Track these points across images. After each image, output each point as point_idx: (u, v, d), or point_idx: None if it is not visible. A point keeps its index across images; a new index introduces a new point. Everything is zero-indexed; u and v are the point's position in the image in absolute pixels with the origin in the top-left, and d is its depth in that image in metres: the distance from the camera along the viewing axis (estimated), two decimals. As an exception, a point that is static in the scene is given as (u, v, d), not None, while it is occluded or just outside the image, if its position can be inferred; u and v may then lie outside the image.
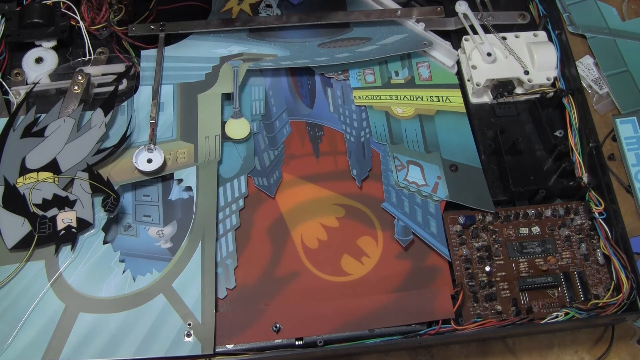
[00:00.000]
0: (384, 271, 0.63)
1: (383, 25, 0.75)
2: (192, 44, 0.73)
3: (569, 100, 0.71)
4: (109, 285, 0.59)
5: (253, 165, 0.66)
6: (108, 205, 0.61)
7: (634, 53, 0.81)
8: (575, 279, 0.63)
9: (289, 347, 0.59)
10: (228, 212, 0.64)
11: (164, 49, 0.71)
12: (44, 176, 0.62)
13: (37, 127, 0.64)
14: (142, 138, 0.66)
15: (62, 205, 0.61)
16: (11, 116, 0.65)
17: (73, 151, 0.63)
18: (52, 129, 0.64)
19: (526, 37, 0.75)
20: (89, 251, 0.60)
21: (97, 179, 0.62)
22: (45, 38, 0.72)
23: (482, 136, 0.70)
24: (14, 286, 0.59)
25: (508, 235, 0.65)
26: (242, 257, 0.62)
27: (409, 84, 0.73)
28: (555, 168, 0.68)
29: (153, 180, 0.65)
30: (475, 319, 0.60)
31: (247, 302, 0.60)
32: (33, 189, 0.61)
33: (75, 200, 0.61)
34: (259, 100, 0.71)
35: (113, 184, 0.62)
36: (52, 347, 0.56)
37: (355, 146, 0.69)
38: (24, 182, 0.61)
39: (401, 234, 0.64)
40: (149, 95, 0.68)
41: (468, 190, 0.66)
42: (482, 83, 0.71)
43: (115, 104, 0.67)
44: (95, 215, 0.61)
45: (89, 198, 0.62)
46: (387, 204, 0.65)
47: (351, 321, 0.59)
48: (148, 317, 0.58)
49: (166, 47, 0.72)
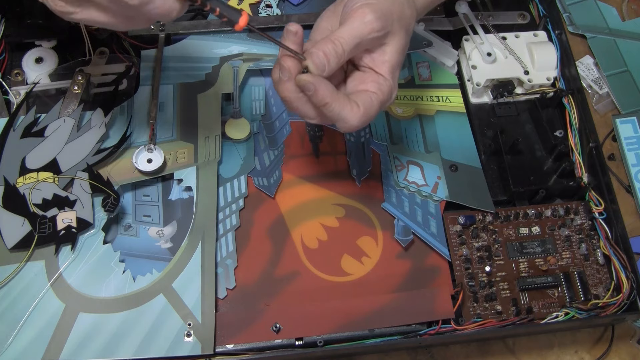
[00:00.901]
0: (384, 271, 0.63)
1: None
2: (192, 44, 0.73)
3: (569, 100, 0.71)
4: (109, 285, 0.59)
5: (253, 166, 0.66)
6: (108, 205, 0.61)
7: (634, 53, 0.81)
8: (575, 279, 0.63)
9: (289, 347, 0.59)
10: (228, 212, 0.64)
11: (163, 49, 0.71)
12: (44, 176, 0.62)
13: (37, 127, 0.64)
14: (142, 138, 0.66)
15: (62, 205, 0.61)
16: (11, 116, 0.65)
17: (73, 151, 0.63)
18: (52, 129, 0.64)
19: (526, 37, 0.75)
20: (89, 251, 0.60)
21: (97, 179, 0.62)
22: (45, 38, 0.71)
23: (482, 136, 0.70)
24: (14, 286, 0.59)
25: (508, 235, 0.65)
26: (242, 257, 0.62)
27: (409, 84, 0.73)
28: (555, 168, 0.68)
29: (153, 180, 0.65)
30: (475, 319, 0.60)
31: (247, 302, 0.60)
32: (33, 189, 0.61)
33: (75, 200, 0.61)
34: (259, 100, 0.71)
35: (113, 184, 0.62)
36: (52, 347, 0.56)
37: (355, 146, 0.69)
38: (24, 182, 0.61)
39: (401, 234, 0.64)
40: (148, 95, 0.68)
41: (468, 190, 0.66)
42: (482, 83, 0.71)
43: (115, 104, 0.66)
44: (95, 215, 0.61)
45: (89, 198, 0.61)
46: (387, 204, 0.65)
47: (351, 321, 0.59)
48: (148, 317, 0.58)
49: (166, 47, 0.72)
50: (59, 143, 0.64)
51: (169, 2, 0.44)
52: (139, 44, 0.72)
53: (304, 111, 0.51)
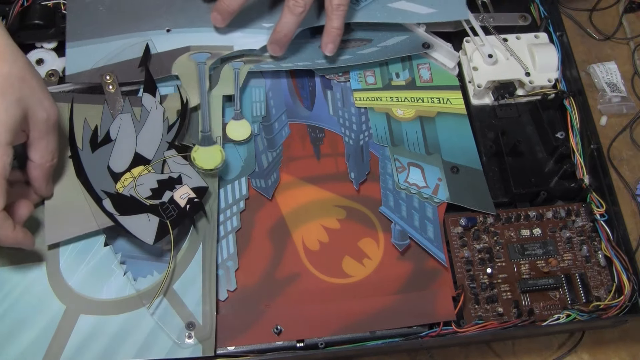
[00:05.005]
0: (385, 273, 0.63)
1: (384, 27, 0.75)
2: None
3: (570, 101, 0.71)
4: (109, 287, 0.59)
5: (254, 167, 0.66)
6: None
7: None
8: (576, 280, 0.63)
9: (290, 349, 0.58)
10: (229, 214, 0.64)
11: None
12: (137, 172, 0.61)
13: (100, 136, 0.63)
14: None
15: (171, 185, 0.60)
16: (70, 142, 0.63)
17: (147, 139, 0.63)
18: (115, 130, 0.63)
19: (527, 38, 0.74)
20: (90, 253, 0.60)
21: (185, 149, 0.62)
22: (46, 39, 0.71)
23: (483, 138, 0.70)
24: (15, 287, 0.58)
25: (509, 237, 0.65)
26: (243, 259, 0.62)
27: (409, 86, 0.73)
28: (556, 170, 0.68)
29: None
30: (476, 321, 0.60)
31: (248, 304, 0.60)
32: (136, 187, 0.60)
33: (179, 176, 0.61)
34: (259, 102, 0.71)
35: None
36: (53, 348, 0.56)
37: (353, 149, 0.69)
38: (123, 185, 0.61)
39: (398, 238, 0.63)
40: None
41: (469, 192, 0.66)
42: (483, 84, 0.71)
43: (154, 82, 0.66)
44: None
45: (189, 167, 0.62)
46: (385, 207, 0.65)
47: (352, 323, 0.59)
48: (149, 319, 0.58)
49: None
50: (130, 138, 0.63)
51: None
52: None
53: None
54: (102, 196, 0.60)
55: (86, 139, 0.63)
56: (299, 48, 0.72)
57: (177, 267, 0.60)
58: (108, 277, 0.59)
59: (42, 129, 0.56)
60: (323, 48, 0.69)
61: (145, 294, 0.58)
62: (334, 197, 0.66)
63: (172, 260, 0.59)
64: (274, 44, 0.69)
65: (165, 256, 0.61)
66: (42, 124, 0.55)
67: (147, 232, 0.58)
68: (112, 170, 0.61)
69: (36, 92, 0.55)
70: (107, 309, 0.58)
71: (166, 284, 0.59)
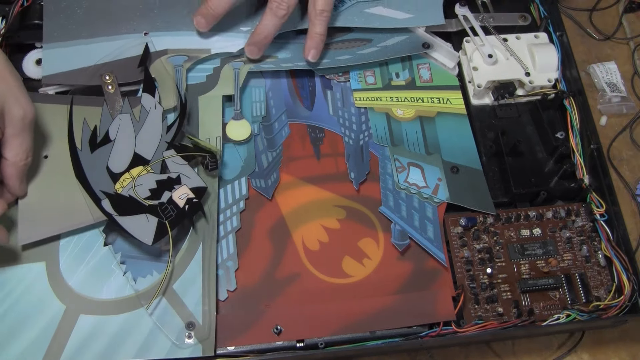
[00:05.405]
0: (385, 273, 0.63)
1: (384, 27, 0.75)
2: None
3: (570, 101, 0.71)
4: (109, 287, 0.59)
5: (254, 167, 0.66)
6: (208, 165, 0.61)
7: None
8: (576, 280, 0.63)
9: (290, 349, 0.58)
10: (229, 214, 0.64)
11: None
12: (136, 172, 0.61)
13: (99, 136, 0.63)
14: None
15: (170, 186, 0.60)
16: (70, 142, 0.63)
17: (146, 139, 0.63)
18: (114, 130, 0.63)
19: (527, 38, 0.74)
20: (89, 253, 0.60)
21: (184, 149, 0.62)
22: (45, 39, 0.71)
23: (483, 138, 0.70)
24: (15, 287, 0.58)
25: (509, 237, 0.65)
26: (243, 259, 0.62)
27: (409, 86, 0.73)
28: (556, 170, 0.68)
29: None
30: (476, 321, 0.60)
31: (248, 304, 0.60)
32: (135, 187, 0.60)
33: (178, 176, 0.61)
34: (259, 102, 0.71)
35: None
36: (53, 348, 0.56)
37: (353, 149, 0.69)
38: (122, 185, 0.61)
39: (398, 238, 0.63)
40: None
41: (469, 192, 0.66)
42: (483, 84, 0.71)
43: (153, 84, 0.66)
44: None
45: (187, 168, 0.61)
46: (385, 207, 0.65)
47: (352, 323, 0.59)
48: (149, 319, 0.58)
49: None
50: (129, 139, 0.63)
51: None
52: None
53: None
54: (101, 196, 0.60)
55: (85, 139, 0.63)
56: (299, 48, 0.72)
57: (177, 267, 0.60)
58: (108, 277, 0.59)
59: (18, 126, 0.55)
60: (306, 54, 0.68)
61: (144, 295, 0.59)
62: (333, 197, 0.66)
63: (171, 261, 0.59)
64: (252, 46, 0.68)
65: (165, 256, 0.61)
66: (18, 121, 0.55)
67: (146, 233, 0.58)
68: (111, 170, 0.61)
69: (13, 89, 0.55)
70: (107, 309, 0.58)
71: (165, 284, 0.59)
